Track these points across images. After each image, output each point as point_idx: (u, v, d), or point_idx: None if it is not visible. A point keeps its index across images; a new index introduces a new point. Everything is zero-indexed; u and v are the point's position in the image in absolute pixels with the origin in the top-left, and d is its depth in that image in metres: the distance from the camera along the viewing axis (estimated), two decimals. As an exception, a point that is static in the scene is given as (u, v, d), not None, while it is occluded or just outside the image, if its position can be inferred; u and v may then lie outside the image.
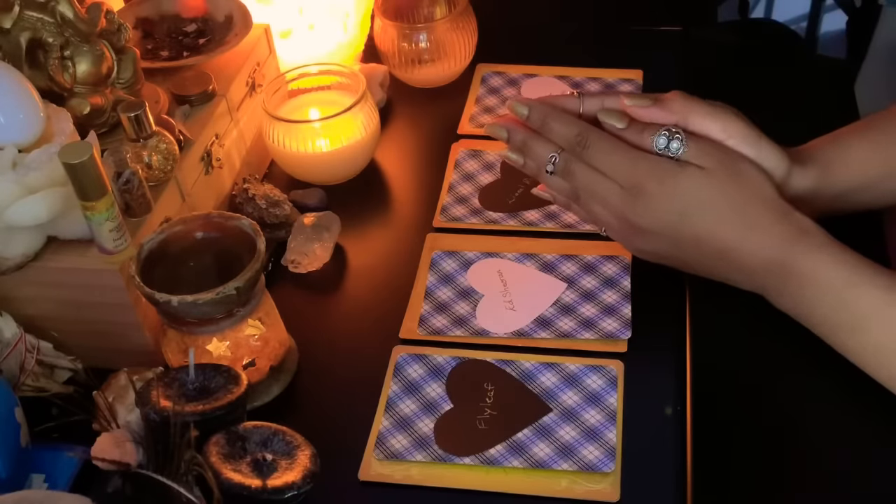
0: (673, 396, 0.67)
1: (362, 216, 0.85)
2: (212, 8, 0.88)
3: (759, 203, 0.64)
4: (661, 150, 0.65)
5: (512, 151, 0.71)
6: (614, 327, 0.72)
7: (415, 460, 0.65)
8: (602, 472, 0.63)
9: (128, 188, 0.68)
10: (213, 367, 0.62)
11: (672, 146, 0.65)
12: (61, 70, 0.72)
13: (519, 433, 0.66)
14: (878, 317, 0.61)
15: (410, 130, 0.95)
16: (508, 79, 0.98)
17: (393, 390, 0.69)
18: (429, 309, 0.75)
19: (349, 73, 0.88)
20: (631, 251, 0.73)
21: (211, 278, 0.65)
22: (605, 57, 0.99)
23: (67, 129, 0.68)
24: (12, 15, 0.69)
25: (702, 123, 0.66)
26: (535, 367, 0.70)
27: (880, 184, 0.70)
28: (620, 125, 0.67)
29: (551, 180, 0.70)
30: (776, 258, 0.64)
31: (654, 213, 0.65)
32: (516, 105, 0.71)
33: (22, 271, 0.67)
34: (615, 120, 0.67)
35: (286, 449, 0.59)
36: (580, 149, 0.67)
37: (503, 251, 0.79)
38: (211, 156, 0.78)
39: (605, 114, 0.68)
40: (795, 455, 0.63)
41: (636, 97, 0.68)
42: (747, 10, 1.74)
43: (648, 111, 0.67)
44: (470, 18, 0.96)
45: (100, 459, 0.54)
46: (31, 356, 0.67)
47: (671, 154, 0.65)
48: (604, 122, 0.68)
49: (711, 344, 0.70)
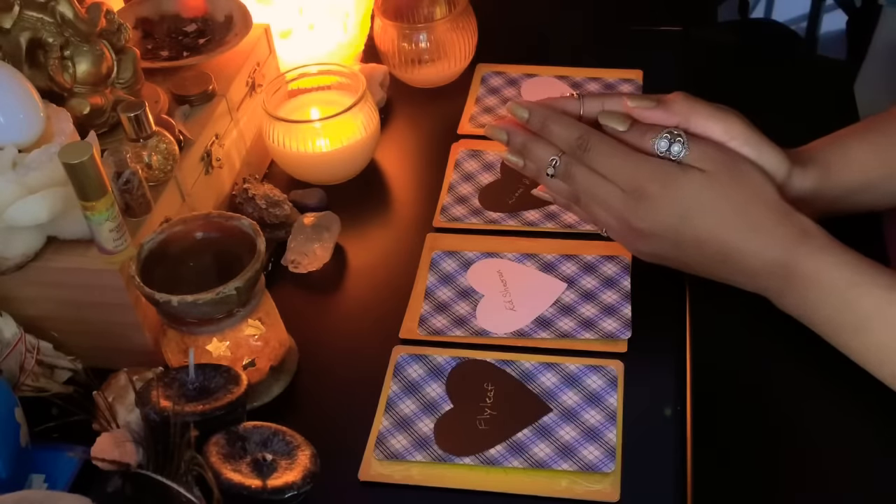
0: (673, 396, 0.67)
1: (362, 216, 0.85)
2: (212, 8, 0.88)
3: (760, 205, 0.64)
4: (662, 152, 0.65)
5: (512, 154, 0.71)
6: (614, 327, 0.72)
7: (415, 460, 0.65)
8: (602, 472, 0.63)
9: (128, 188, 0.68)
10: (213, 367, 0.62)
11: (674, 149, 0.65)
12: (61, 70, 0.72)
13: (519, 433, 0.66)
14: (881, 316, 0.61)
15: (410, 130, 0.95)
16: (508, 79, 0.98)
17: (393, 390, 0.69)
18: (429, 309, 0.75)
19: (349, 73, 0.88)
20: (632, 252, 0.73)
21: (211, 278, 0.65)
22: (605, 57, 0.99)
23: (67, 129, 0.68)
24: (12, 15, 0.69)
25: (704, 125, 0.66)
26: (535, 368, 0.70)
27: (881, 185, 0.70)
28: (622, 128, 0.67)
29: (551, 183, 0.70)
30: (778, 260, 0.64)
31: (655, 217, 0.65)
32: (516, 108, 0.70)
33: (22, 271, 0.67)
34: (617, 122, 0.67)
35: (286, 449, 0.59)
36: (581, 152, 0.67)
37: (503, 251, 0.79)
38: (211, 156, 0.78)
39: (606, 116, 0.68)
40: (795, 455, 0.63)
41: (639, 98, 0.68)
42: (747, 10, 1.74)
43: (651, 112, 0.67)
44: (470, 18, 0.96)
45: (100, 459, 0.54)
46: (31, 356, 0.67)
47: (672, 157, 0.65)
48: (605, 124, 0.68)
49: (711, 344, 0.70)
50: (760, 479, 0.62)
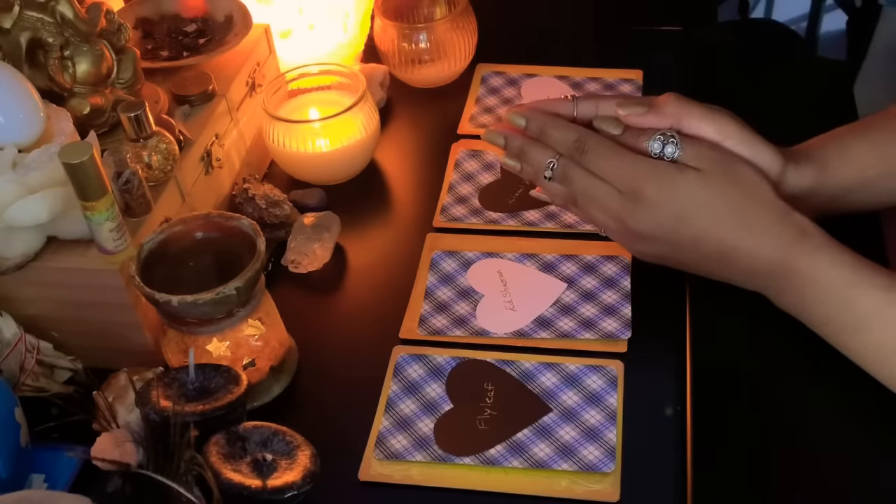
0: (673, 396, 0.67)
1: (362, 216, 0.85)
2: (212, 8, 0.88)
3: (757, 204, 0.64)
4: (655, 155, 0.65)
5: (509, 158, 0.71)
6: (614, 327, 0.72)
7: (415, 460, 0.65)
8: (602, 472, 0.63)
9: (128, 188, 0.68)
10: (213, 367, 0.62)
11: (667, 150, 0.65)
12: (61, 70, 0.72)
13: (519, 433, 0.66)
14: (879, 317, 0.61)
15: (410, 130, 0.95)
16: (508, 79, 0.98)
17: (393, 390, 0.69)
18: (429, 309, 0.75)
19: (349, 73, 0.88)
20: (631, 253, 0.73)
21: (211, 278, 0.65)
22: (605, 57, 0.99)
23: (67, 129, 0.68)
24: (12, 15, 0.69)
25: (697, 126, 0.67)
26: (535, 368, 0.70)
27: (878, 183, 0.70)
28: (615, 131, 0.67)
29: (549, 186, 0.70)
30: (776, 259, 0.64)
31: (652, 218, 0.65)
32: (513, 116, 0.71)
33: (22, 271, 0.67)
34: (610, 127, 0.68)
35: (286, 449, 0.59)
36: (578, 154, 0.67)
37: (503, 251, 0.79)
38: (211, 156, 0.78)
39: (600, 121, 0.68)
40: (795, 455, 0.63)
41: (629, 105, 0.68)
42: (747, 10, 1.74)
43: (643, 118, 0.67)
44: (470, 18, 0.96)
45: (100, 459, 0.54)
46: (31, 356, 0.67)
47: (666, 158, 0.65)
48: (599, 128, 0.68)
49: (712, 344, 0.70)
50: (760, 479, 0.62)
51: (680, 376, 0.68)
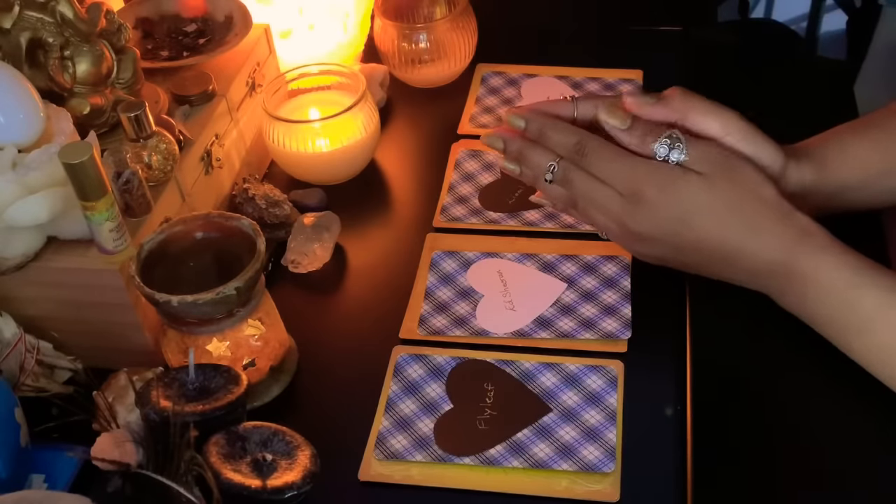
0: (673, 396, 0.67)
1: (362, 216, 0.85)
2: (212, 8, 0.88)
3: (759, 205, 0.64)
4: (661, 158, 0.65)
5: (509, 161, 0.71)
6: (614, 327, 0.72)
7: (415, 460, 0.65)
8: (602, 473, 0.63)
9: (128, 188, 0.68)
10: (213, 368, 0.62)
11: (672, 155, 0.65)
12: (61, 70, 0.72)
13: (519, 433, 0.66)
14: (882, 318, 0.61)
15: (410, 130, 0.95)
16: (508, 79, 0.98)
17: (393, 390, 0.69)
18: (429, 309, 0.75)
19: (349, 73, 0.88)
20: (632, 254, 0.73)
21: (211, 278, 0.65)
22: (605, 57, 0.99)
23: (67, 129, 0.68)
24: (12, 15, 0.69)
25: (702, 121, 0.66)
26: (535, 368, 0.70)
27: (878, 181, 0.70)
28: (623, 126, 0.66)
29: (549, 188, 0.69)
30: (778, 259, 0.64)
31: (653, 220, 0.65)
32: (512, 118, 0.70)
33: (22, 271, 0.67)
34: (618, 120, 0.66)
35: (286, 449, 0.59)
36: (579, 157, 0.67)
37: (503, 251, 0.79)
38: (211, 156, 0.78)
39: (606, 113, 0.67)
40: (795, 455, 0.63)
41: (638, 96, 0.68)
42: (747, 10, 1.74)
43: (652, 109, 0.67)
44: (470, 18, 0.96)
45: (100, 459, 0.54)
46: (31, 356, 0.67)
47: (672, 162, 0.65)
48: (605, 121, 0.67)
49: (712, 344, 0.70)
50: (760, 480, 0.62)
51: (680, 376, 0.68)
